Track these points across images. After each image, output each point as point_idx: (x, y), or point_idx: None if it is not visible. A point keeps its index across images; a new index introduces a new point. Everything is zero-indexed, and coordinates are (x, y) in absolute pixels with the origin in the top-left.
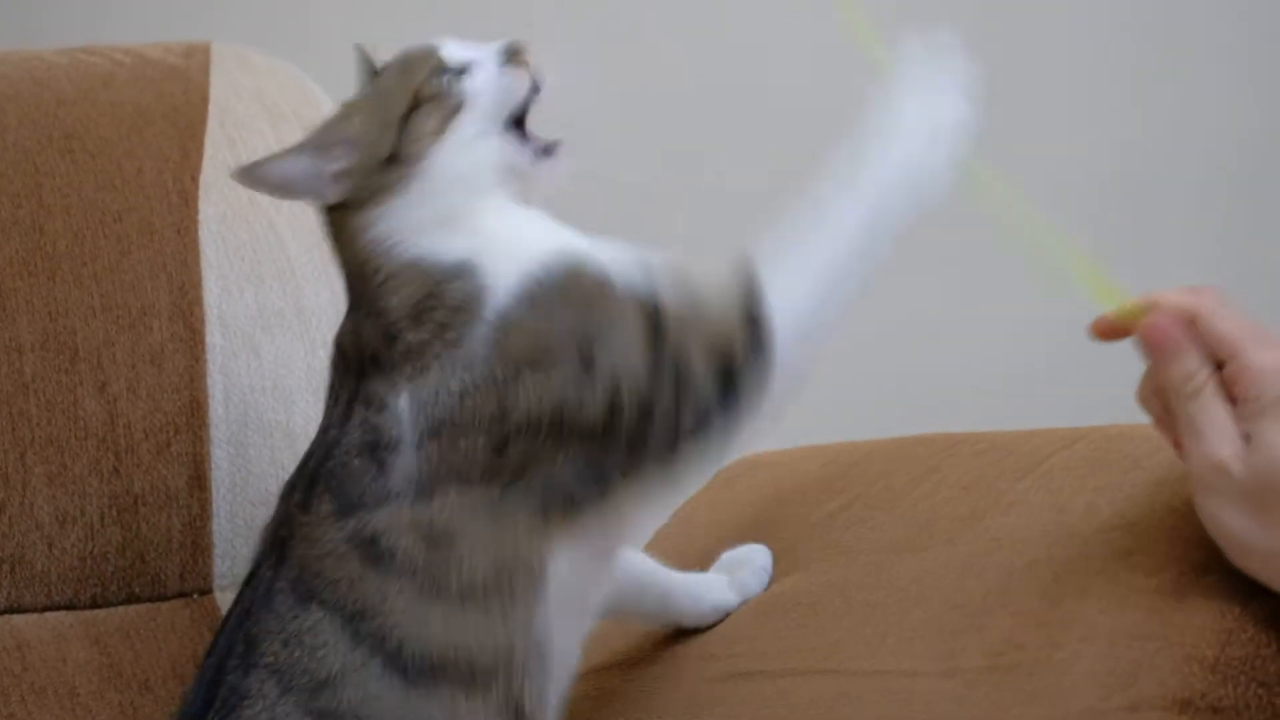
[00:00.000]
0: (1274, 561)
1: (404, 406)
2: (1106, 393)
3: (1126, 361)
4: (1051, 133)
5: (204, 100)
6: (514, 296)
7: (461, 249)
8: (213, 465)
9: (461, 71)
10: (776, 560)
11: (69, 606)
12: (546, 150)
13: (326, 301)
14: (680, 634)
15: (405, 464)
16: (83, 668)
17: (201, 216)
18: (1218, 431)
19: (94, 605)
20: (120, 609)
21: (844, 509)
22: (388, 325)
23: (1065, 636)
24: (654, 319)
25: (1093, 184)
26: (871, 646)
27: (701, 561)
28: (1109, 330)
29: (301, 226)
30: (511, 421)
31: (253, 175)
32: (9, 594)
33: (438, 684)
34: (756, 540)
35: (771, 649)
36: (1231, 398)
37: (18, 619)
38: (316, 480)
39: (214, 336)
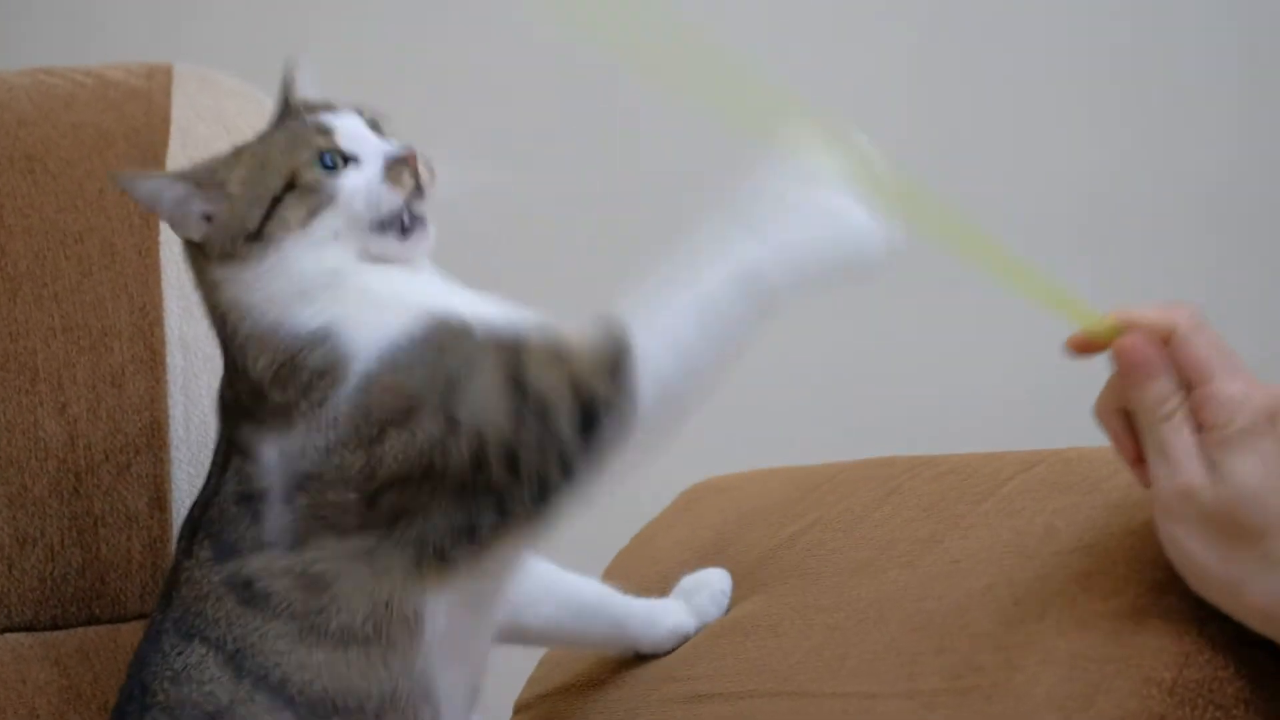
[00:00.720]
0: (1233, 590)
1: (273, 459)
2: (1066, 415)
3: (1085, 384)
4: (1034, 152)
5: (165, 122)
6: (375, 358)
7: (320, 318)
8: (173, 486)
9: (346, 161)
10: (737, 583)
11: (29, 628)
12: (407, 229)
13: None
14: (640, 657)
15: (277, 514)
16: (43, 689)
17: (163, 238)
18: (1187, 457)
19: (54, 626)
20: (80, 630)
21: (804, 531)
22: (253, 384)
23: (1024, 659)
24: (516, 370)
25: (1076, 202)
26: (831, 668)
27: (661, 585)
28: (1084, 346)
29: None
30: (379, 477)
31: (130, 183)
32: None
33: (329, 717)
34: (717, 563)
35: (732, 671)
36: (1198, 422)
37: None
38: (198, 527)
39: (175, 357)
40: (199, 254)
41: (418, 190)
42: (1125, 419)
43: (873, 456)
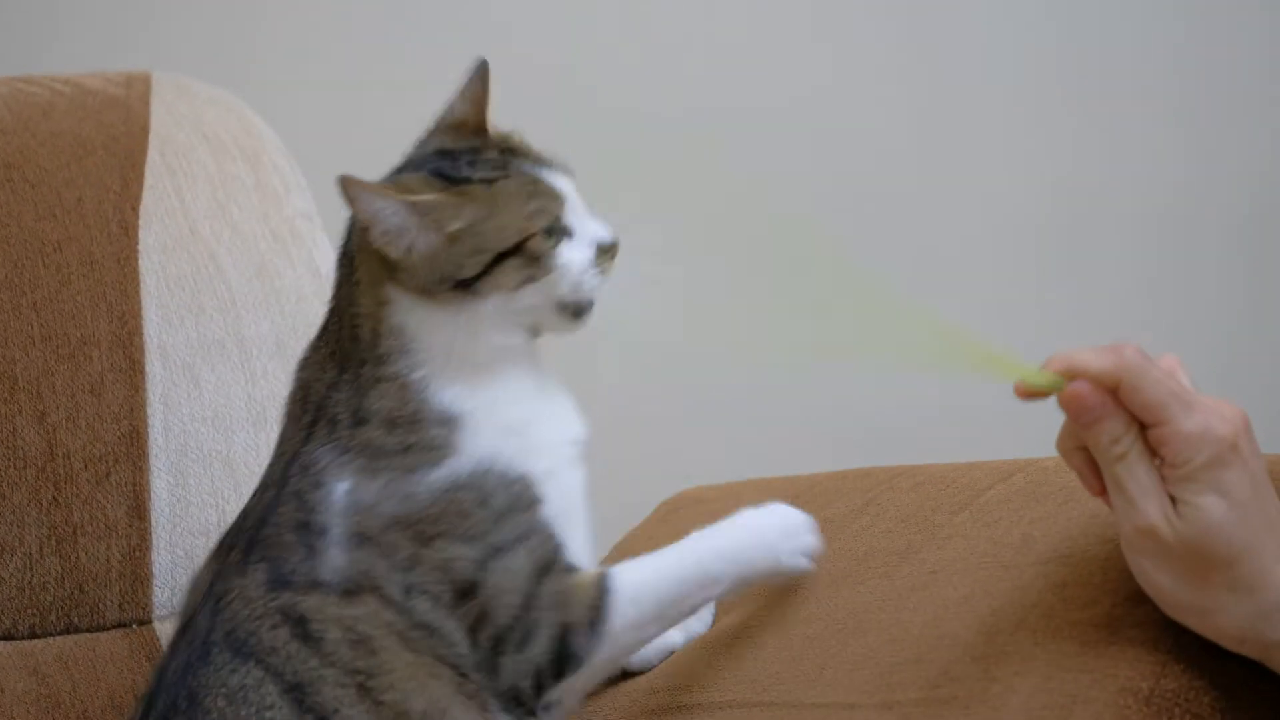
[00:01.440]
0: (1204, 616)
1: (340, 496)
2: (1043, 426)
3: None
4: (985, 171)
5: (144, 130)
6: (471, 470)
7: (459, 402)
8: (152, 495)
9: (567, 237)
10: None
11: (7, 637)
12: (582, 312)
13: (267, 332)
14: (624, 672)
15: (334, 556)
16: (21, 698)
17: (142, 246)
18: (1145, 494)
19: (32, 635)
20: (59, 639)
21: None
22: (360, 408)
23: (1001, 669)
24: (541, 573)
25: (1026, 220)
26: (810, 678)
27: None
28: (1030, 394)
29: (242, 257)
30: (416, 574)
31: (352, 192)
32: None
33: None
34: None
35: (711, 681)
36: (1159, 459)
37: None
38: (254, 546)
39: (154, 366)
40: (382, 266)
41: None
42: (1086, 455)
43: (850, 468)
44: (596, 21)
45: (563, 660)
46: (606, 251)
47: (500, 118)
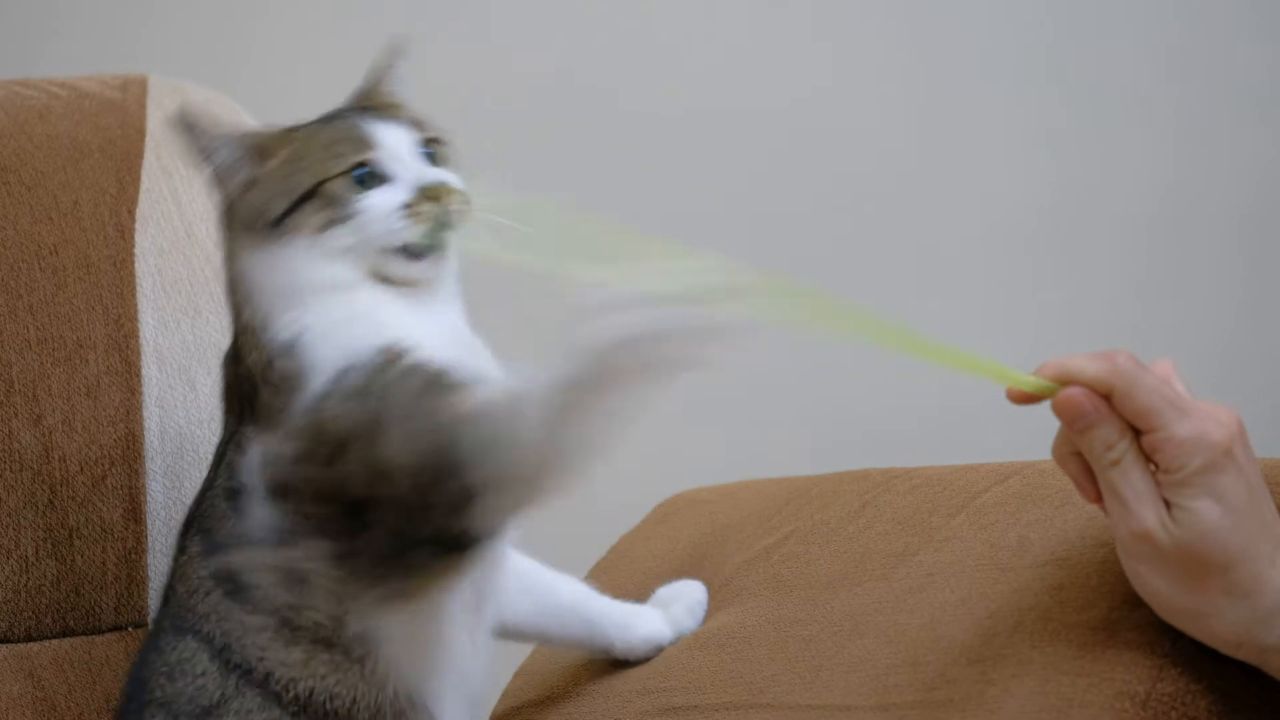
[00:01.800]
0: (1200, 620)
1: (255, 458)
2: (1039, 429)
3: None
4: (979, 173)
5: (140, 133)
6: (329, 378)
7: (294, 327)
8: (148, 498)
9: (378, 180)
10: (712, 595)
11: (3, 639)
12: (418, 254)
13: None
14: (615, 668)
15: (261, 513)
16: (16, 702)
17: (138, 249)
18: (1140, 500)
19: (28, 639)
20: (55, 642)
21: (780, 544)
22: (248, 373)
23: (997, 672)
24: (429, 388)
25: (1021, 222)
26: (806, 681)
27: (638, 596)
28: (1024, 399)
29: None
30: (346, 495)
31: (188, 123)
32: None
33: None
34: (693, 575)
35: (706, 683)
36: (1154, 464)
37: None
38: (192, 521)
39: (150, 369)
40: (230, 216)
41: (442, 222)
42: (1082, 462)
43: (848, 469)
44: (594, 24)
45: (469, 487)
46: (424, 196)
47: (496, 119)
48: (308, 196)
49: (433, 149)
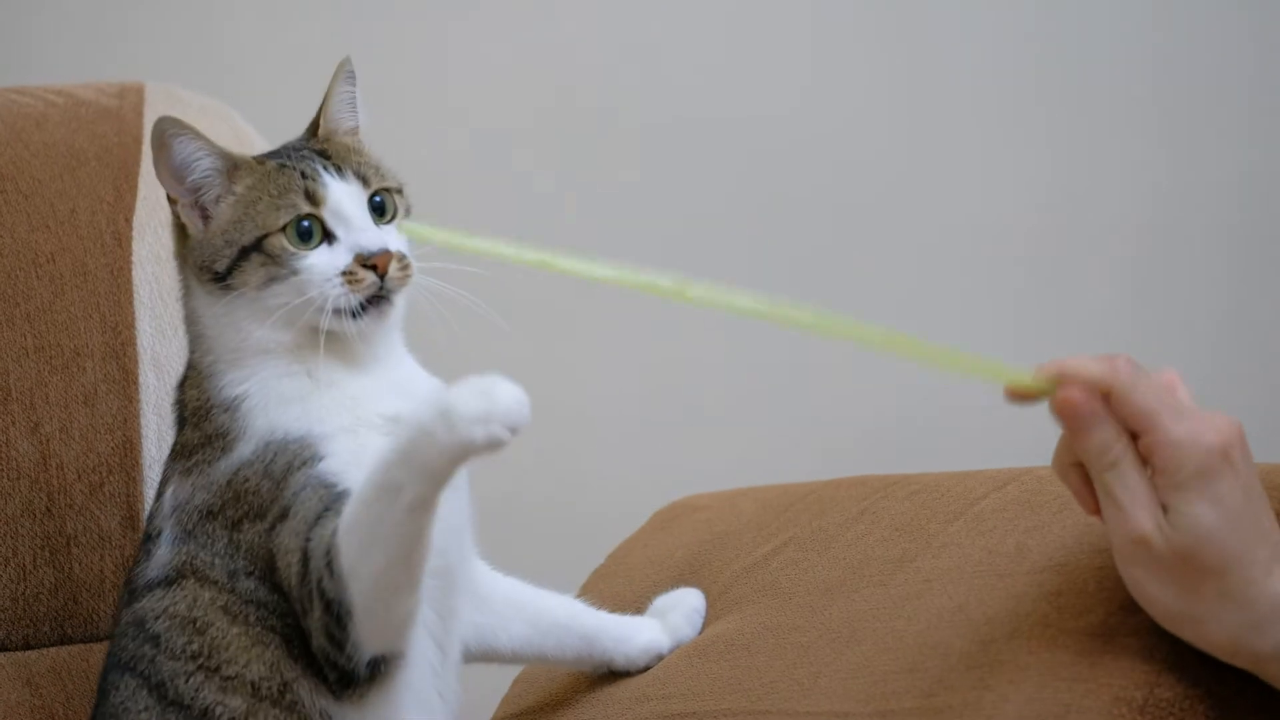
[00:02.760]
0: (1196, 626)
1: (168, 500)
2: (1038, 435)
3: None
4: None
5: (137, 141)
6: (254, 449)
7: (240, 387)
8: (145, 505)
9: (322, 236)
10: (711, 602)
11: (1, 648)
12: (359, 315)
13: None
14: (613, 677)
15: (161, 555)
16: (14, 709)
17: (135, 257)
18: (1136, 503)
19: (26, 646)
20: (53, 650)
21: (778, 551)
22: (182, 406)
23: (995, 678)
24: (317, 520)
25: (1011, 228)
26: (804, 687)
27: (636, 603)
28: (1022, 397)
29: None
30: (238, 559)
31: (172, 130)
32: None
33: None
34: (691, 583)
35: (705, 690)
36: (1150, 468)
37: None
38: (128, 572)
39: (147, 377)
40: (184, 253)
41: (381, 290)
42: (1082, 472)
43: (845, 476)
44: (587, 31)
45: (336, 617)
46: (363, 266)
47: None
48: (251, 249)
49: (382, 198)
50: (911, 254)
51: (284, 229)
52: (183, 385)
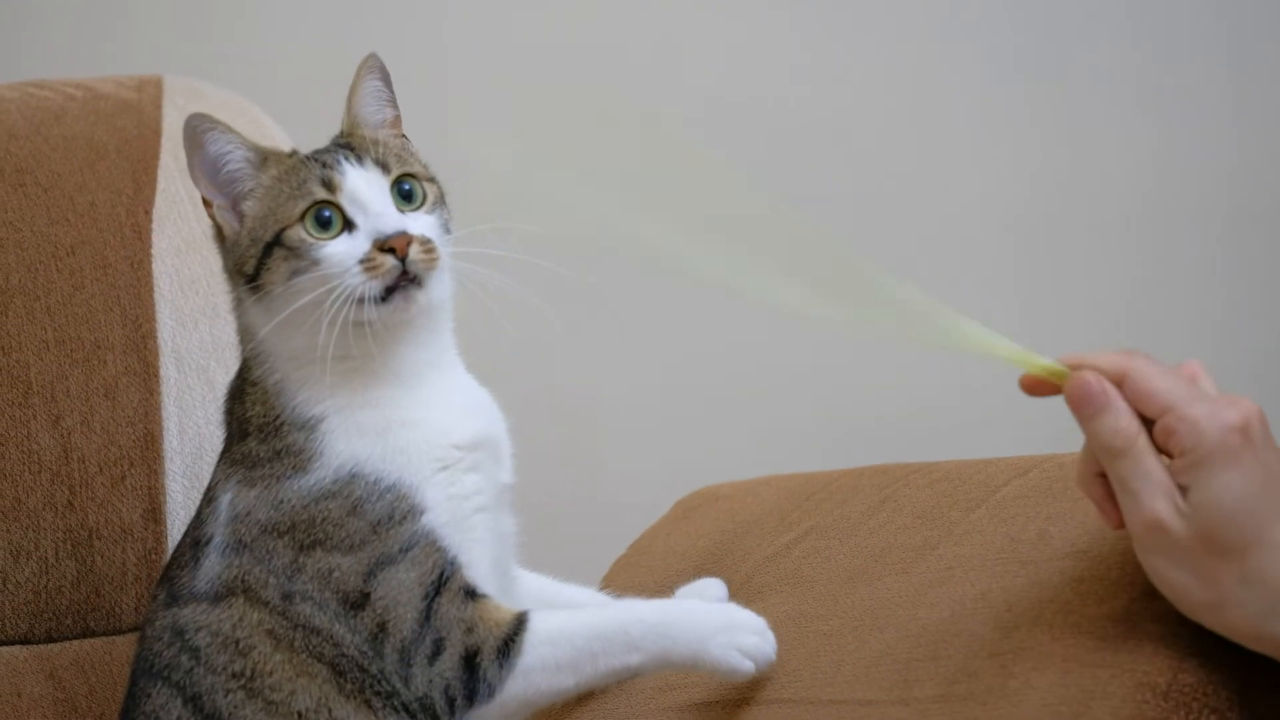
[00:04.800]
0: (1218, 612)
1: (224, 508)
2: (1058, 422)
3: None
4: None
5: (156, 133)
6: (334, 477)
7: (312, 406)
8: (168, 498)
9: (346, 229)
10: (733, 591)
11: (23, 641)
12: (384, 300)
13: None
14: None
15: (210, 565)
16: (38, 702)
17: (155, 250)
18: (1151, 487)
19: (49, 640)
20: (75, 643)
21: (800, 540)
22: (243, 418)
23: (1018, 665)
24: (435, 591)
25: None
26: (827, 675)
27: (659, 593)
28: (1036, 385)
29: None
30: (298, 581)
31: (204, 126)
32: None
33: None
34: (713, 571)
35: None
36: (1166, 453)
37: None
38: (168, 568)
39: (168, 369)
40: (224, 254)
41: (404, 274)
42: (1105, 484)
43: (867, 464)
44: (598, 22)
45: (473, 684)
46: (382, 250)
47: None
48: (274, 244)
49: (410, 184)
50: (907, 239)
51: (302, 219)
52: (239, 400)
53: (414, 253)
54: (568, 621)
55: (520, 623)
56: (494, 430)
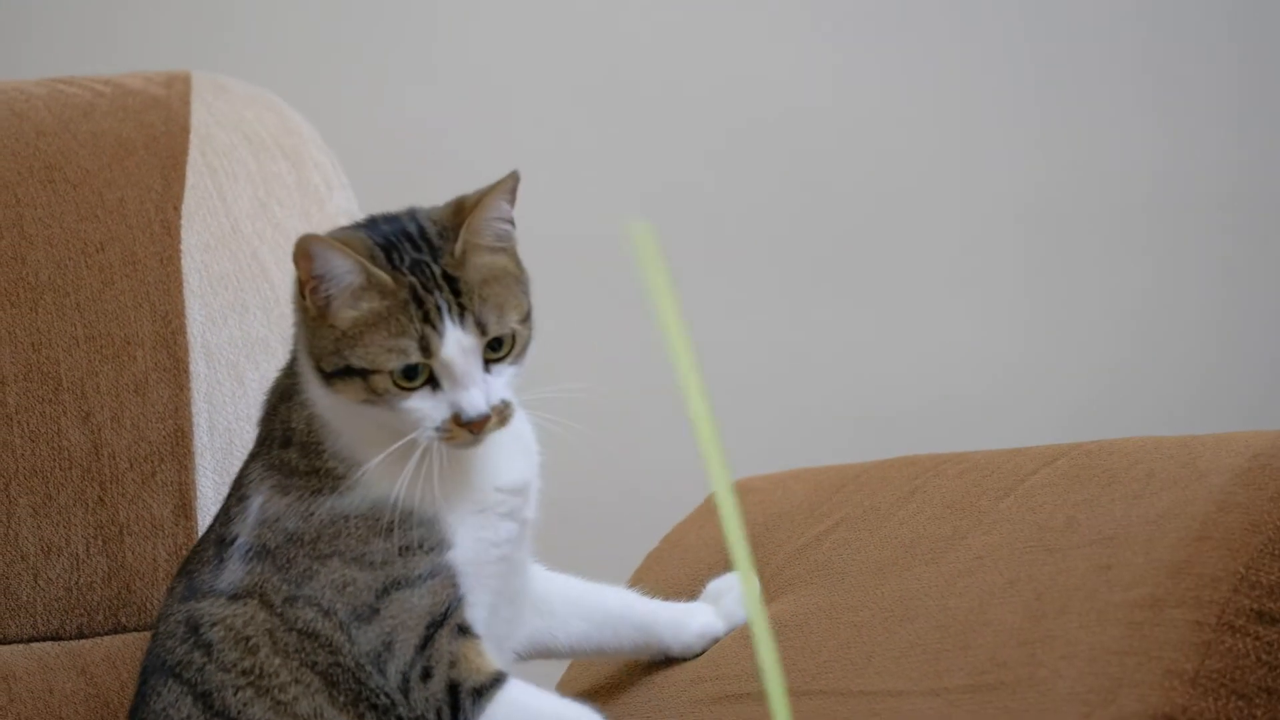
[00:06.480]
0: None
1: (254, 510)
2: (1081, 412)
3: (1104, 379)
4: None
5: (185, 130)
6: (374, 503)
7: (355, 451)
8: (198, 494)
9: (429, 385)
10: (764, 584)
11: (55, 637)
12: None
13: None
14: (668, 659)
15: (234, 566)
16: (69, 698)
17: (184, 246)
18: None
19: (80, 635)
20: (107, 639)
21: (830, 531)
22: (288, 427)
23: (1047, 654)
24: (438, 622)
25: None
26: (858, 667)
27: (691, 586)
28: None
29: (285, 255)
30: (309, 586)
31: (322, 249)
32: None
33: None
34: None
35: (759, 671)
36: None
37: (3, 650)
38: (186, 563)
39: (198, 365)
40: (303, 323)
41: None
42: None
43: (895, 456)
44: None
45: (455, 713)
46: (461, 425)
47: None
48: (356, 373)
49: (501, 339)
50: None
51: (393, 373)
52: (287, 403)
53: (490, 424)
54: (538, 700)
55: (496, 679)
56: (532, 474)
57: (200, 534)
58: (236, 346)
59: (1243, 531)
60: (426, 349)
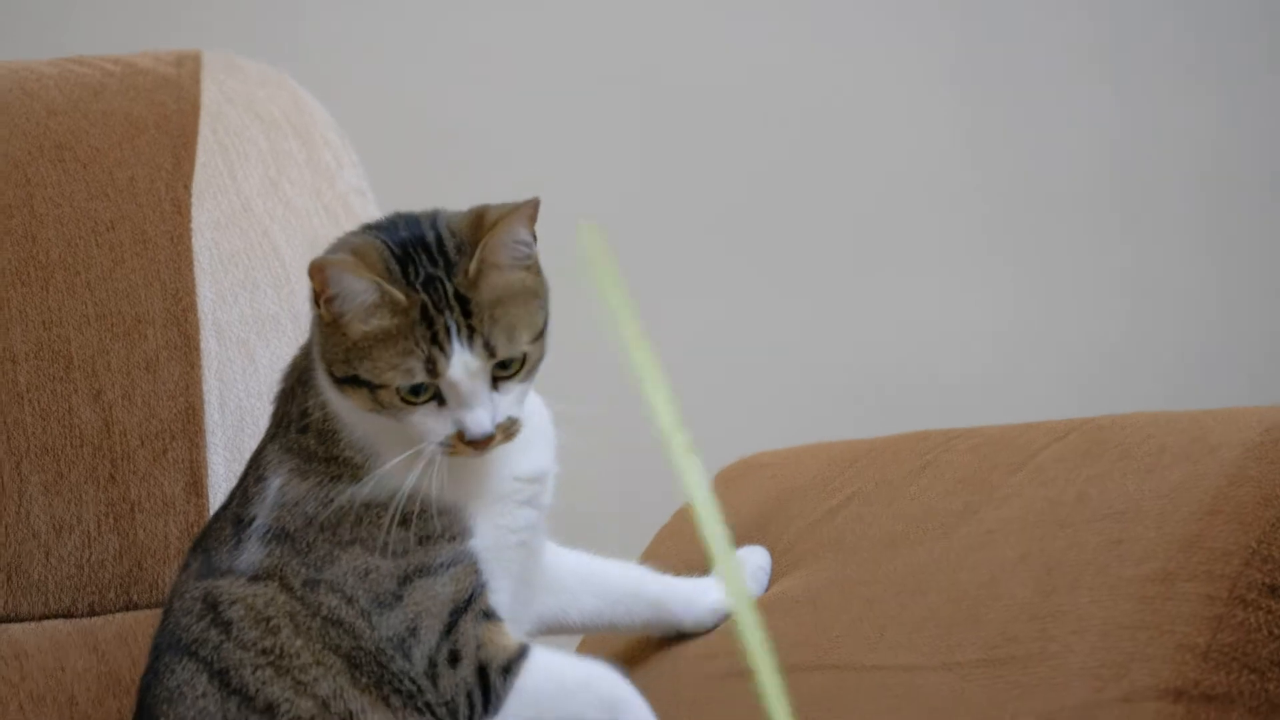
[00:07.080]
0: None
1: (273, 491)
2: (1093, 385)
3: (1115, 355)
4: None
5: (195, 108)
6: (392, 492)
7: (370, 442)
8: (209, 471)
9: (435, 400)
10: (776, 559)
11: (67, 614)
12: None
13: None
14: (680, 635)
15: (252, 547)
16: (81, 676)
17: (195, 224)
18: None
19: (92, 613)
20: (118, 616)
21: (842, 506)
22: (306, 413)
23: (1058, 629)
24: (462, 607)
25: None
26: (870, 641)
27: (702, 562)
28: None
29: (295, 233)
30: (329, 571)
31: (337, 272)
32: (6, 603)
33: None
34: (757, 540)
35: (772, 645)
36: None
37: (15, 628)
38: (200, 540)
39: (209, 343)
40: (319, 325)
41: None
42: None
43: (907, 431)
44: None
45: (486, 693)
46: (464, 443)
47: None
48: (364, 384)
49: (509, 360)
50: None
51: (399, 389)
52: (305, 387)
53: (495, 442)
54: (567, 664)
55: (522, 653)
56: (550, 461)
57: (212, 511)
58: (247, 324)
59: (1255, 505)
60: (433, 370)
